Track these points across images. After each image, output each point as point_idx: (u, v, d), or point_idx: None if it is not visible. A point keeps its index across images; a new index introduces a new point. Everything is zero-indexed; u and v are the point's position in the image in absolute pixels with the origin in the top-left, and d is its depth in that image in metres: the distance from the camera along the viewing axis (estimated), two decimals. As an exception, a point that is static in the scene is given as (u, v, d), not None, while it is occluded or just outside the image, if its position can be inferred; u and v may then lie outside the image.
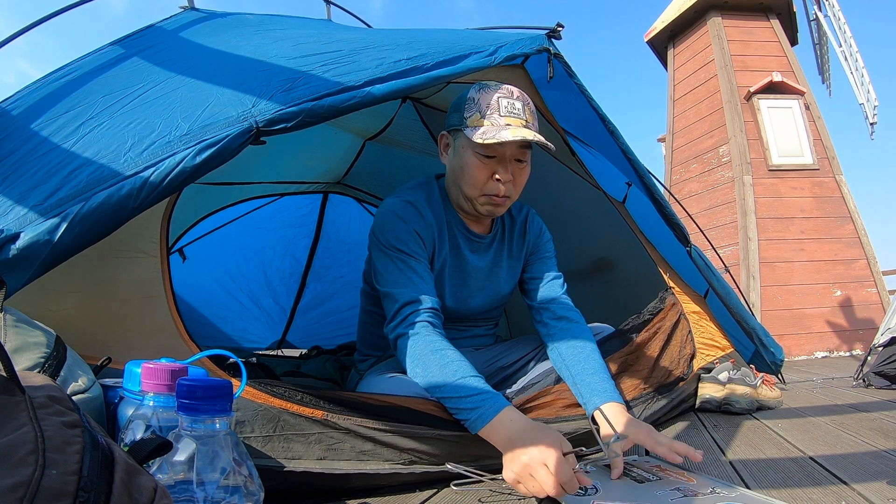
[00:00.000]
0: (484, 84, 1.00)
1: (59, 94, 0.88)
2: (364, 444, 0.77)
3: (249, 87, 0.80)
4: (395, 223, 1.01)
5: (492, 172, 0.99)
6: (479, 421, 0.78)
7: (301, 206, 2.63)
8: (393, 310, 0.94)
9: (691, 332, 1.41)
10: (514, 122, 0.96)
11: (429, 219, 1.05)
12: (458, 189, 1.05)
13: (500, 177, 0.99)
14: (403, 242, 0.99)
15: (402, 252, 0.99)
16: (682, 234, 1.38)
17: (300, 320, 2.87)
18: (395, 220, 1.01)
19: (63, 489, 0.28)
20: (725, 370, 1.37)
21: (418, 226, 1.02)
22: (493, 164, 0.98)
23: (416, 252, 1.00)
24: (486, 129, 0.94)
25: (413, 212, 1.03)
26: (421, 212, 1.04)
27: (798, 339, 3.90)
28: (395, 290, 0.95)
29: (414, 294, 0.94)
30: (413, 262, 0.98)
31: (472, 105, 0.98)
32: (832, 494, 0.71)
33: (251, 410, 0.72)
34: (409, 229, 1.01)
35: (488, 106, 0.96)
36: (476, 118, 0.97)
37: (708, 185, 4.67)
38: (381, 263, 1.00)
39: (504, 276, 1.17)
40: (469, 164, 0.99)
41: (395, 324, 0.93)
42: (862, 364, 1.96)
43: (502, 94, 0.97)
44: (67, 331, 0.66)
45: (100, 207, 0.64)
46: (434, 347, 0.87)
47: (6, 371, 0.33)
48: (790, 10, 5.09)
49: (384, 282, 0.98)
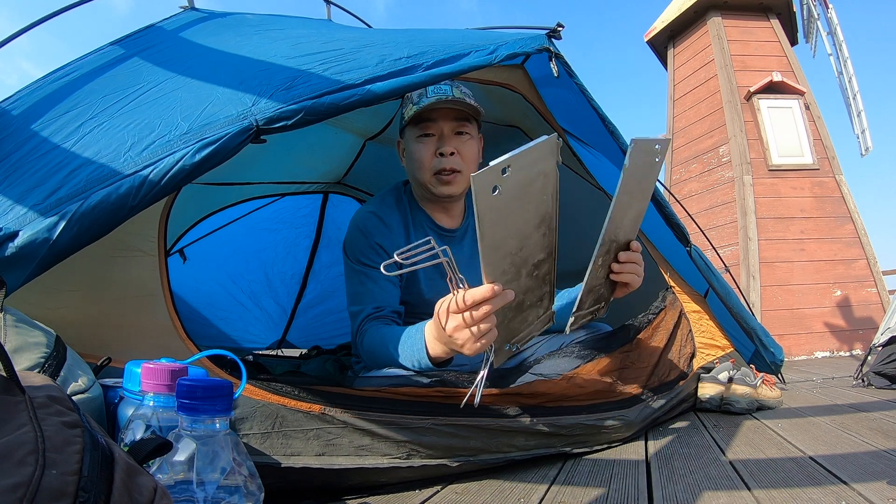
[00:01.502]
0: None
1: (60, 94, 0.88)
2: (362, 438, 0.78)
3: (249, 86, 0.80)
4: (357, 238, 1.07)
5: (434, 149, 1.06)
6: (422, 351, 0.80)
7: (302, 206, 2.63)
8: (355, 326, 1.01)
9: (691, 331, 1.41)
10: (441, 97, 1.04)
11: (393, 224, 1.10)
12: (414, 180, 1.12)
13: (442, 150, 1.05)
14: (366, 256, 1.05)
15: (364, 266, 1.04)
16: (683, 234, 1.38)
17: (300, 320, 2.87)
18: (358, 234, 1.07)
19: (63, 489, 0.27)
20: (725, 370, 1.37)
21: (380, 237, 1.07)
22: (433, 141, 1.06)
23: (375, 262, 1.04)
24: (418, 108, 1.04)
25: (375, 222, 1.08)
26: (384, 220, 1.09)
27: (798, 339, 3.91)
28: (356, 308, 1.02)
29: (372, 306, 1.01)
30: (374, 272, 1.03)
31: (407, 101, 1.08)
32: (832, 494, 0.71)
33: (249, 407, 0.72)
34: (370, 244, 1.06)
35: (418, 94, 1.05)
36: (409, 109, 1.06)
37: (708, 185, 4.67)
38: (348, 275, 1.07)
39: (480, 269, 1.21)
40: (413, 149, 1.07)
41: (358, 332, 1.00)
42: (862, 364, 1.96)
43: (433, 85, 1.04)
44: (67, 331, 0.66)
45: (98, 206, 0.64)
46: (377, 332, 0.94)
47: (6, 371, 0.33)
48: (790, 10, 5.09)
49: (350, 299, 1.05)
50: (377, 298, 1.02)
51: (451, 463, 0.81)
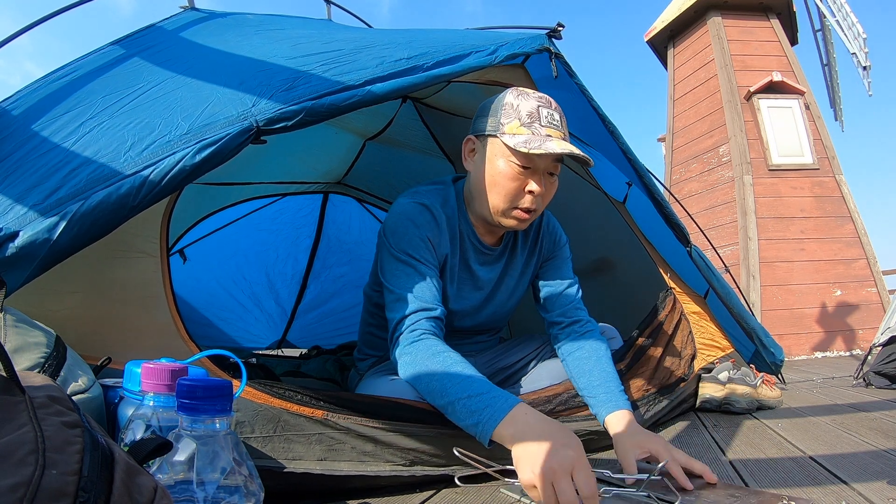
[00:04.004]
0: (522, 90, 0.96)
1: (60, 93, 0.88)
2: (365, 444, 0.77)
3: (249, 86, 0.80)
4: (407, 228, 0.96)
5: (525, 184, 0.94)
6: (493, 419, 0.72)
7: (302, 206, 2.63)
8: (396, 318, 0.91)
9: (692, 332, 1.41)
10: (554, 133, 0.93)
11: (442, 225, 1.01)
12: (483, 198, 0.99)
13: (533, 189, 0.94)
14: (415, 249, 0.95)
15: (412, 258, 0.95)
16: (683, 234, 1.38)
17: (300, 320, 2.87)
18: (409, 224, 0.97)
19: (63, 489, 0.27)
20: (725, 370, 1.37)
21: (431, 233, 0.98)
22: (528, 174, 0.94)
23: (426, 259, 0.96)
24: (529, 138, 0.90)
25: (428, 217, 0.99)
26: (436, 217, 1.00)
27: (798, 338, 3.91)
28: (402, 297, 0.92)
29: (419, 304, 0.91)
30: (423, 268, 0.94)
31: (511, 111, 0.93)
32: (832, 494, 0.71)
33: (251, 411, 0.72)
34: (421, 235, 0.96)
35: (529, 115, 0.92)
36: (515, 125, 0.92)
37: (708, 185, 4.67)
38: (389, 267, 0.96)
39: (511, 289, 1.14)
40: (503, 172, 0.94)
41: (399, 333, 0.90)
42: (862, 363, 1.96)
43: (542, 104, 0.94)
44: (67, 331, 0.66)
45: (99, 206, 0.64)
46: (435, 350, 0.84)
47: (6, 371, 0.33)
48: (790, 10, 5.09)
49: (394, 284, 0.94)
50: (426, 296, 0.92)
51: (454, 472, 0.80)
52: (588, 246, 1.79)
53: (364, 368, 1.17)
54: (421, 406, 0.83)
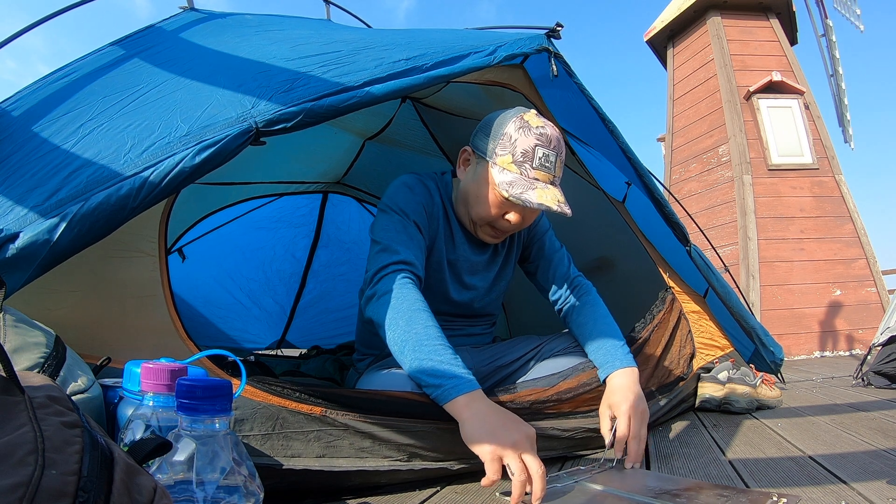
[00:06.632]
0: (526, 122, 0.97)
1: (60, 95, 0.88)
2: (363, 440, 0.77)
3: (249, 87, 0.80)
4: (405, 193, 1.04)
5: (506, 212, 1.01)
6: (456, 390, 0.77)
7: (301, 205, 2.63)
8: (377, 267, 0.92)
9: (691, 331, 1.41)
10: (542, 176, 0.96)
11: (436, 199, 1.09)
12: (465, 209, 1.07)
13: (511, 219, 1.00)
14: (410, 208, 1.02)
15: (405, 215, 1.01)
16: (682, 234, 1.39)
17: (300, 319, 2.87)
18: (406, 190, 1.05)
19: (63, 489, 0.28)
20: (725, 370, 1.37)
21: (426, 201, 1.06)
22: (509, 206, 1.00)
23: (418, 221, 1.02)
24: (515, 179, 0.94)
25: (423, 189, 1.07)
26: (430, 191, 1.08)
27: (798, 338, 3.91)
28: (389, 247, 0.95)
29: (403, 257, 0.94)
30: (413, 230, 1.00)
31: (508, 144, 0.96)
32: (832, 494, 0.71)
33: (250, 408, 0.72)
34: (417, 200, 1.04)
35: (523, 153, 0.95)
36: (507, 160, 0.96)
37: (707, 185, 4.67)
38: (381, 223, 1.01)
39: (500, 270, 1.20)
40: (486, 197, 1.00)
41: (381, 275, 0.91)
42: (861, 363, 1.96)
43: (540, 142, 0.95)
44: (67, 331, 0.66)
45: (99, 207, 0.64)
46: (418, 308, 0.86)
47: (6, 371, 0.33)
48: (790, 10, 5.09)
49: (382, 236, 0.98)
50: (410, 253, 0.96)
51: (451, 466, 0.80)
52: (588, 245, 1.79)
53: (363, 368, 1.17)
54: (419, 399, 0.83)
